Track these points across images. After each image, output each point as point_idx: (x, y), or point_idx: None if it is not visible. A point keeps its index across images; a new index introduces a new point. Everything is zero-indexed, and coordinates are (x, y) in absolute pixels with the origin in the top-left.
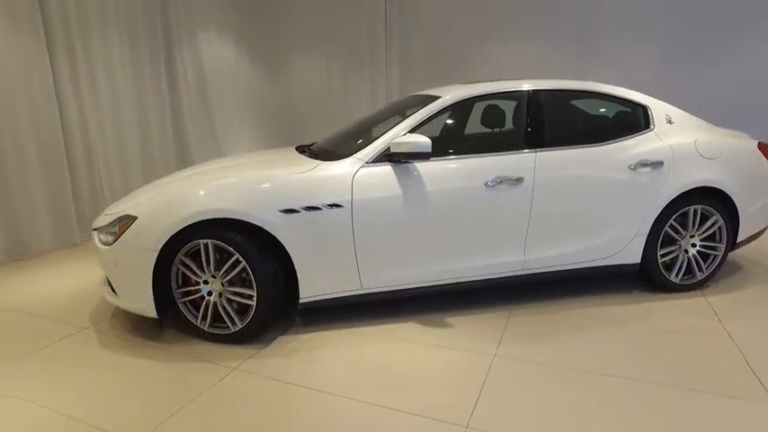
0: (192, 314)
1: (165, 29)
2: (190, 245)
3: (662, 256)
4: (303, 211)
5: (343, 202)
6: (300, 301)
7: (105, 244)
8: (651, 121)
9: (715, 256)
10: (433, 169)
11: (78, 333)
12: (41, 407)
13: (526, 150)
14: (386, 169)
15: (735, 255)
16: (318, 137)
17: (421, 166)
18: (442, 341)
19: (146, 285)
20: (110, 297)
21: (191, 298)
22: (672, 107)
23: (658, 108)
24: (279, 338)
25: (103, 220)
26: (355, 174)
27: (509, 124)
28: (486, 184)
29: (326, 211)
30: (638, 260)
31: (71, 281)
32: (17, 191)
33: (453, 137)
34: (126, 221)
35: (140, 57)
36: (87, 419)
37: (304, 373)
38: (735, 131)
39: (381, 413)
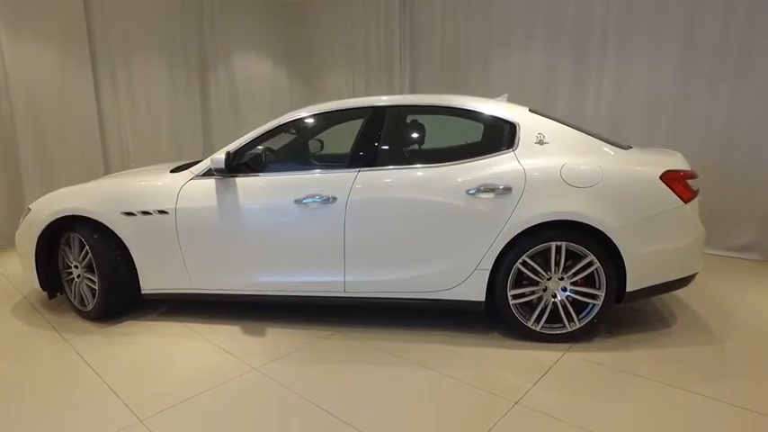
0: (71, 292)
1: (201, 51)
2: (65, 235)
3: (516, 296)
4: (139, 214)
5: (168, 210)
6: (142, 291)
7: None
8: (516, 140)
9: (593, 305)
10: (252, 184)
11: (11, 298)
12: None
13: (349, 169)
14: (209, 182)
15: (689, 310)
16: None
17: (241, 180)
18: (233, 348)
19: (32, 263)
20: None
21: (70, 278)
22: (558, 126)
23: (532, 126)
24: (126, 322)
25: None
26: (183, 185)
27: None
28: (296, 201)
29: (156, 216)
30: (483, 298)
31: None
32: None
33: (290, 154)
34: (27, 212)
35: (176, 75)
36: None
37: (99, 353)
38: (663, 152)
39: (105, 395)
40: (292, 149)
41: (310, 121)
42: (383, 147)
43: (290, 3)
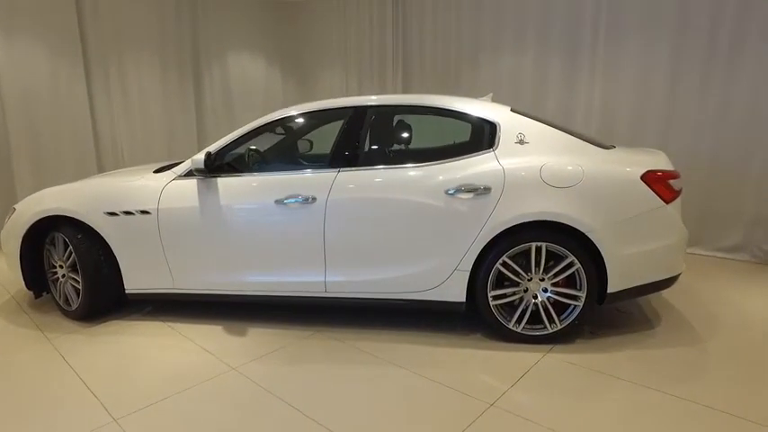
0: (56, 292)
1: (194, 51)
2: (50, 235)
3: (496, 297)
4: (122, 214)
5: (151, 210)
6: (126, 291)
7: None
8: (496, 140)
9: (574, 306)
10: (233, 185)
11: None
12: None
13: (330, 169)
14: (191, 183)
15: (675, 311)
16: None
17: (222, 181)
18: (214, 347)
19: (17, 263)
20: None
21: (55, 278)
22: (539, 126)
23: (512, 126)
24: (110, 322)
25: None
26: (166, 185)
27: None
28: (276, 201)
29: (139, 216)
30: (463, 299)
31: None
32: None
33: (271, 154)
34: (12, 212)
35: (169, 74)
36: None
37: (81, 353)
38: (645, 152)
39: (83, 394)
40: (274, 150)
41: (292, 121)
42: (363, 147)
43: (284, 2)
